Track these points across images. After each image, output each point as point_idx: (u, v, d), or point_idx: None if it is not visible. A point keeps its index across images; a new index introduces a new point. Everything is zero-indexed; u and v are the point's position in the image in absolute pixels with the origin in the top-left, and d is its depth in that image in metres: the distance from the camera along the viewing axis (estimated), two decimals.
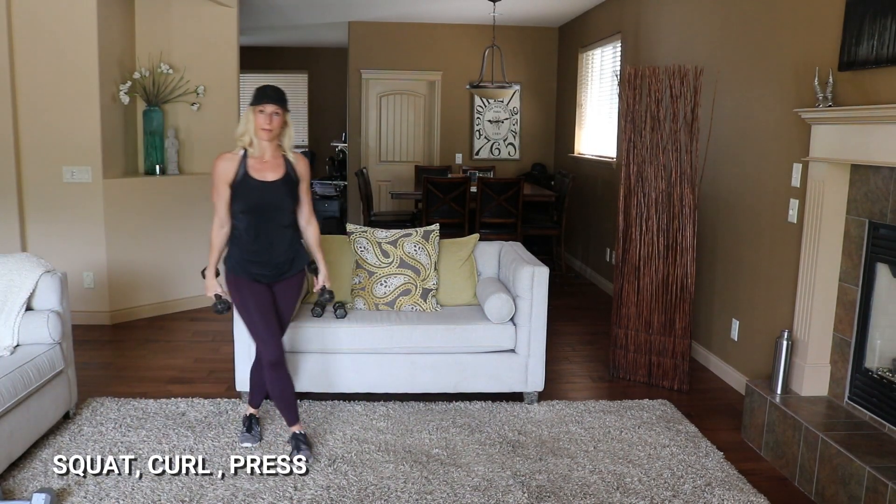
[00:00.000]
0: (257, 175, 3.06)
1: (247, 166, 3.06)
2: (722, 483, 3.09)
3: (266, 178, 3.07)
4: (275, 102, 3.01)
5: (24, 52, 4.89)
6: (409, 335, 3.75)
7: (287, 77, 11.20)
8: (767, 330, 3.93)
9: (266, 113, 3.01)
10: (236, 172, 3.05)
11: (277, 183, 3.08)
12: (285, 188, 3.10)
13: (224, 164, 3.06)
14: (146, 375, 4.29)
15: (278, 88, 3.08)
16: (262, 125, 3.01)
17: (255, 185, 3.05)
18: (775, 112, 3.87)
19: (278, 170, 3.10)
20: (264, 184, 3.06)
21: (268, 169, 3.08)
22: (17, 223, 5.00)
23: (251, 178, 3.05)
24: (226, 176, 3.05)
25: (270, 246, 3.12)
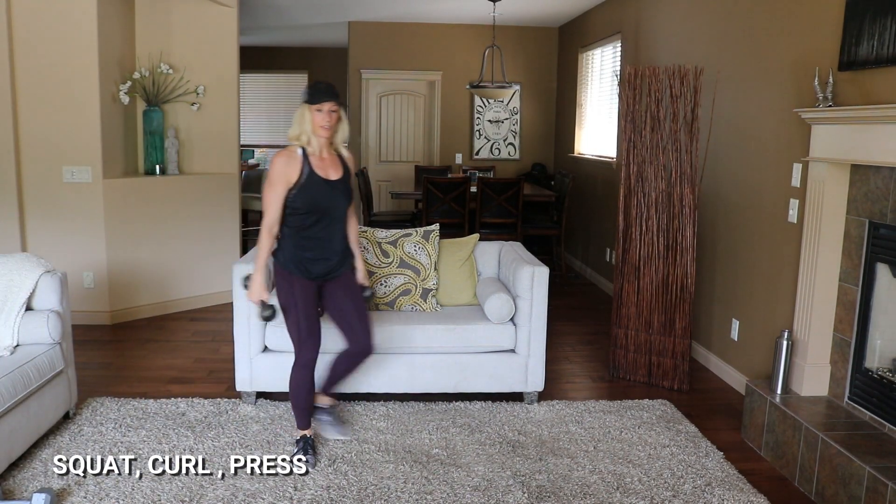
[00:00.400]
0: (322, 173, 3.03)
1: (311, 165, 3.02)
2: (722, 483, 3.09)
3: (330, 177, 3.04)
4: (332, 99, 2.96)
5: (24, 52, 4.89)
6: (409, 335, 3.74)
7: (287, 77, 11.21)
8: (767, 330, 3.93)
9: (324, 111, 2.95)
10: (301, 172, 2.99)
11: (339, 182, 3.06)
12: (344, 186, 3.09)
13: (287, 164, 2.98)
14: (146, 375, 4.29)
15: (331, 84, 3.02)
16: (322, 123, 2.96)
17: (322, 185, 3.01)
18: (775, 112, 3.87)
19: (337, 167, 3.08)
20: (329, 182, 3.03)
21: (329, 167, 3.06)
22: (17, 223, 5.00)
23: (317, 177, 3.01)
24: (288, 177, 2.97)
25: (330, 243, 3.10)
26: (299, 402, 3.20)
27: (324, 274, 3.12)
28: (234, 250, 5.97)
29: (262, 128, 11.31)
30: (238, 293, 3.70)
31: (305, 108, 2.98)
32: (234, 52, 5.92)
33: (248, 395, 3.81)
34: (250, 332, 3.73)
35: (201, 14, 5.79)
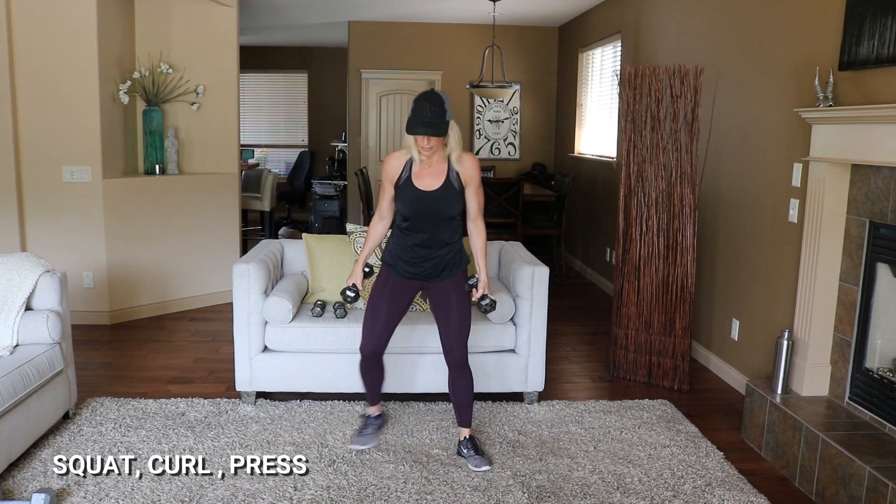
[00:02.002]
0: (418, 183, 3.02)
1: (411, 171, 3.03)
2: (722, 483, 3.09)
3: (426, 188, 3.01)
4: (427, 132, 2.86)
5: (23, 53, 4.89)
6: (409, 335, 3.74)
7: (287, 77, 11.21)
8: (767, 330, 3.92)
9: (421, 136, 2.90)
10: (401, 174, 3.03)
11: (436, 193, 3.01)
12: (446, 197, 3.02)
13: (391, 163, 3.06)
14: (146, 375, 4.29)
15: (435, 109, 2.85)
16: (423, 144, 2.93)
17: (415, 195, 3.02)
18: (775, 112, 3.87)
19: (440, 177, 3.02)
20: (424, 193, 3.01)
21: (431, 175, 3.02)
22: (17, 223, 5.00)
23: (412, 186, 3.02)
24: (391, 174, 3.05)
25: (425, 249, 3.08)
26: (364, 383, 3.37)
27: (422, 275, 3.13)
28: (234, 250, 5.96)
29: (261, 128, 11.31)
30: (237, 293, 3.70)
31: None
32: (234, 51, 5.92)
33: (247, 395, 3.81)
34: (250, 332, 3.73)
35: (201, 14, 5.79)
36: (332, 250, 4.06)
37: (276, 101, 11.30)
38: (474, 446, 3.23)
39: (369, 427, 3.41)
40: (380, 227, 3.20)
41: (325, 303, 3.92)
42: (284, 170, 11.24)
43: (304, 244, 4.14)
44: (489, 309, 3.18)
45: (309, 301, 4.03)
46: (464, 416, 3.26)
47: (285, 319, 3.69)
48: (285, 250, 4.25)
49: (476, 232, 3.19)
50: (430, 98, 2.88)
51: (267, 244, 4.22)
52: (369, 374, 3.31)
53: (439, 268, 3.11)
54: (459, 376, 3.22)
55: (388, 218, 3.19)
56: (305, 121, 11.29)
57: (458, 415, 3.29)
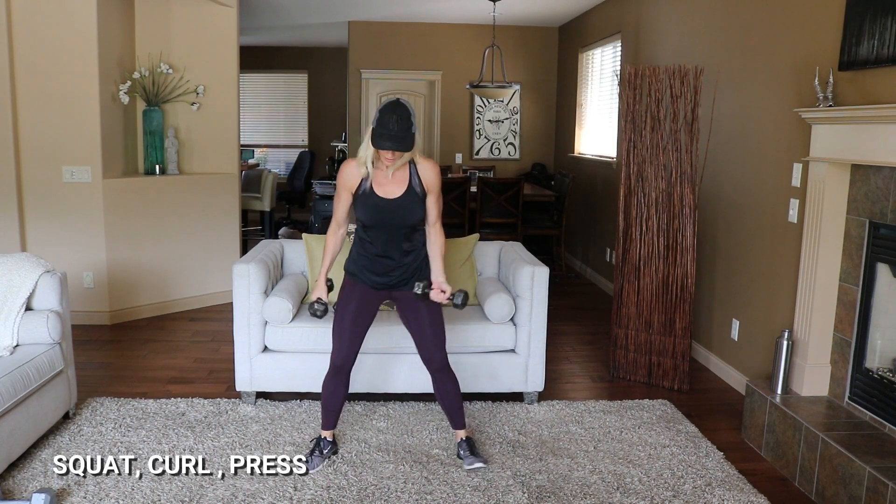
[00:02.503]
0: (380, 191, 2.95)
1: (371, 181, 2.95)
2: (722, 483, 3.09)
3: (388, 196, 2.95)
4: (395, 147, 2.80)
5: (23, 52, 4.89)
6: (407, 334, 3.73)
7: (287, 77, 11.20)
8: (767, 330, 3.92)
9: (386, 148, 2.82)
10: (360, 182, 2.97)
11: (399, 200, 2.95)
12: (409, 204, 2.97)
13: (349, 171, 2.97)
14: (146, 375, 4.29)
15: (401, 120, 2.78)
16: (385, 157, 2.87)
17: (377, 203, 2.96)
18: (775, 112, 3.87)
19: (402, 183, 2.96)
20: (386, 201, 2.95)
21: (393, 182, 2.96)
22: (17, 223, 5.00)
23: (374, 195, 2.95)
24: (349, 183, 2.96)
25: (389, 259, 3.04)
26: (323, 401, 3.22)
27: (389, 285, 3.08)
28: (234, 250, 5.96)
29: (261, 128, 11.30)
30: (237, 293, 3.70)
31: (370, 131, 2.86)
32: (234, 52, 5.92)
33: (247, 395, 3.81)
34: (250, 332, 3.73)
35: (201, 14, 5.79)
36: None
37: (276, 101, 11.29)
38: (470, 447, 3.22)
39: (320, 450, 3.20)
40: (338, 236, 3.09)
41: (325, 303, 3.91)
42: (284, 170, 11.23)
43: (304, 244, 4.14)
44: (462, 302, 3.06)
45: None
46: (456, 418, 3.24)
47: (285, 319, 3.69)
48: (285, 250, 4.25)
49: (434, 234, 3.11)
50: (397, 110, 2.80)
51: (267, 244, 4.22)
52: (335, 390, 3.16)
53: (407, 275, 3.07)
54: (444, 381, 3.18)
55: (345, 226, 3.09)
56: (305, 121, 11.29)
57: (450, 419, 3.26)
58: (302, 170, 10.59)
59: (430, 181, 3.00)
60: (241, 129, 6.31)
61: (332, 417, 3.23)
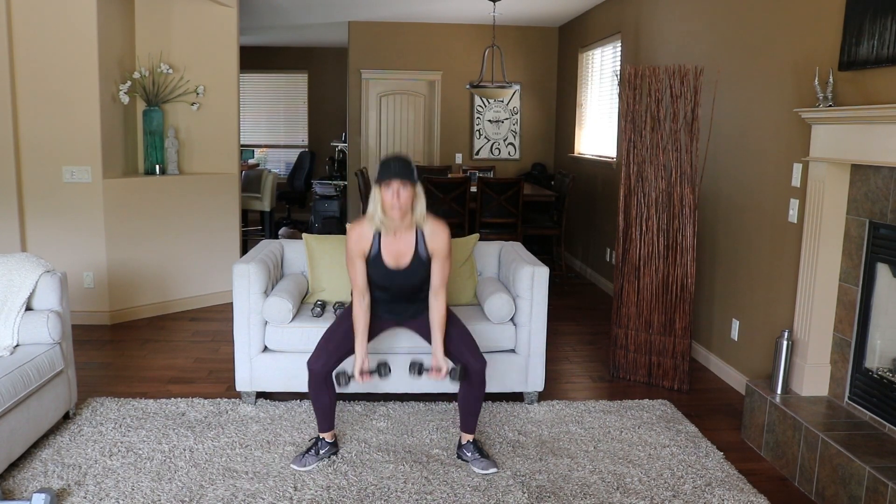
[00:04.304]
0: (389, 258, 3.01)
1: (380, 245, 3.01)
2: (722, 483, 3.09)
3: (396, 266, 3.02)
4: (399, 177, 2.86)
5: (24, 52, 4.89)
6: (409, 335, 3.74)
7: (287, 77, 11.21)
8: (767, 330, 3.93)
9: (392, 189, 2.88)
10: (370, 247, 3.01)
11: (408, 270, 3.03)
12: (417, 270, 3.04)
13: (358, 242, 3.01)
14: (146, 375, 4.29)
15: (403, 161, 2.91)
16: (390, 201, 2.89)
17: (386, 271, 3.02)
18: (775, 112, 3.87)
19: (409, 250, 3.02)
20: (394, 272, 3.03)
21: (400, 249, 3.01)
22: (17, 223, 5.00)
23: (382, 263, 3.02)
24: (359, 248, 3.01)
25: (401, 305, 3.18)
26: (313, 405, 3.23)
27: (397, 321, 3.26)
28: (234, 250, 5.97)
29: (261, 128, 11.31)
30: (237, 293, 3.71)
31: (375, 186, 2.93)
32: (234, 52, 5.92)
33: (247, 395, 3.81)
34: (250, 332, 3.73)
35: (201, 14, 5.79)
36: (332, 250, 4.06)
37: (276, 101, 11.30)
38: (478, 449, 3.22)
39: (316, 450, 3.20)
40: (364, 306, 3.08)
41: (325, 303, 3.92)
42: (284, 170, 11.24)
43: (304, 244, 4.14)
44: (459, 377, 3.06)
45: (309, 301, 4.03)
46: (470, 423, 3.23)
47: (285, 319, 3.69)
48: (285, 250, 4.25)
49: (436, 306, 3.08)
50: (398, 156, 2.94)
51: (267, 244, 4.22)
52: (318, 394, 3.16)
53: (418, 311, 3.18)
54: (479, 384, 3.16)
55: (368, 294, 3.09)
56: (305, 121, 11.29)
57: (463, 421, 3.24)
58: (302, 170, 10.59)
59: (436, 246, 3.03)
60: (241, 129, 6.32)
61: (325, 419, 3.22)
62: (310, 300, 4.04)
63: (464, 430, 3.25)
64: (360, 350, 3.07)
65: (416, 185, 2.93)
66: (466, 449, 3.22)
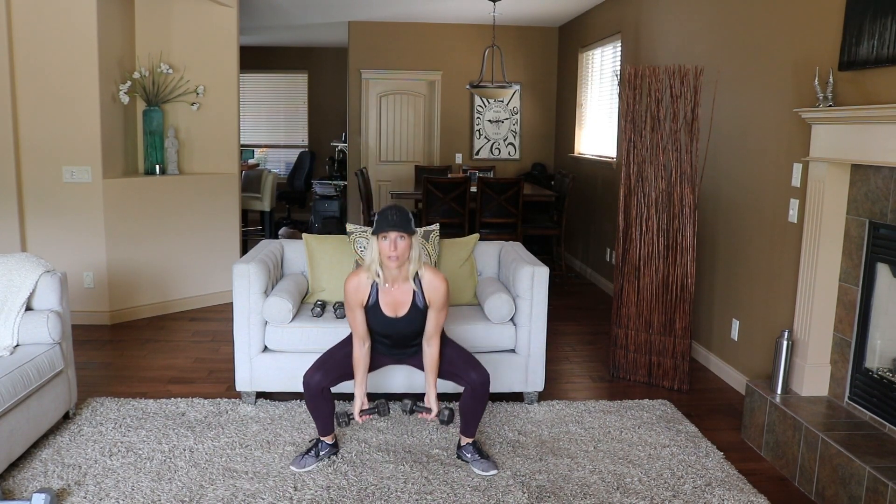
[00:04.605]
0: (386, 309, 3.04)
1: (378, 295, 3.03)
2: (722, 483, 3.09)
3: (395, 314, 3.05)
4: (396, 228, 2.88)
5: (23, 52, 4.89)
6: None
7: (287, 77, 11.21)
8: (767, 330, 3.93)
9: (390, 239, 2.89)
10: (368, 297, 3.04)
11: (405, 318, 3.06)
12: (415, 319, 3.07)
13: (353, 285, 3.03)
14: (146, 375, 4.29)
15: (400, 211, 2.92)
16: (388, 252, 2.90)
17: (385, 320, 3.06)
18: (775, 112, 3.87)
19: (406, 301, 3.04)
20: (393, 320, 3.06)
21: (397, 299, 3.04)
22: (17, 223, 5.00)
23: (380, 312, 3.05)
24: (357, 297, 3.03)
25: (399, 348, 3.21)
26: (311, 413, 3.21)
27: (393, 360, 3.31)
28: (234, 250, 5.97)
29: (261, 128, 11.31)
30: (237, 293, 3.71)
31: (373, 238, 2.95)
32: (234, 52, 5.92)
33: (247, 395, 3.81)
34: (250, 332, 3.73)
35: (201, 14, 5.79)
36: (332, 250, 4.06)
37: (276, 101, 11.30)
38: (479, 450, 3.21)
39: (315, 451, 3.21)
40: (364, 351, 3.13)
41: (325, 303, 3.92)
42: (284, 170, 11.24)
43: (304, 244, 4.14)
44: (448, 419, 3.13)
45: (309, 301, 4.03)
46: (470, 427, 3.22)
47: (285, 319, 3.69)
48: (285, 250, 4.25)
49: (429, 352, 3.12)
50: (395, 206, 2.96)
51: (267, 244, 4.22)
52: (317, 405, 3.15)
53: (417, 351, 3.22)
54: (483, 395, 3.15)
55: (369, 340, 3.13)
56: (305, 121, 11.29)
57: (464, 426, 3.23)
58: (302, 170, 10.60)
59: (433, 296, 3.04)
60: (241, 129, 6.32)
61: (324, 425, 3.21)
62: (310, 300, 4.04)
63: (464, 434, 3.24)
64: (359, 392, 3.12)
65: (413, 235, 2.94)
66: (466, 450, 3.22)
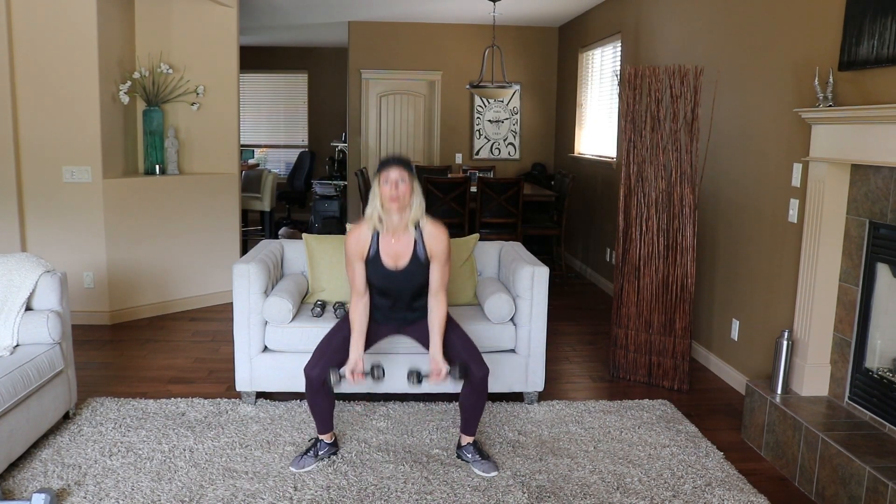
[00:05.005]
0: (387, 259, 3.01)
1: (378, 247, 3.01)
2: (722, 483, 3.09)
3: (393, 266, 3.02)
4: (398, 167, 2.90)
5: (23, 52, 4.89)
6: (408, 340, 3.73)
7: (287, 77, 11.21)
8: (767, 330, 3.93)
9: (391, 181, 2.90)
10: (368, 249, 3.02)
11: (406, 271, 3.02)
12: (416, 272, 3.03)
13: (356, 244, 3.01)
14: (146, 375, 4.29)
15: (401, 157, 2.97)
16: (389, 194, 2.90)
17: (385, 273, 3.02)
18: (775, 112, 3.87)
19: (406, 253, 3.01)
20: (393, 273, 3.02)
21: (398, 250, 3.01)
22: (17, 223, 5.00)
23: (381, 264, 3.01)
24: (357, 249, 3.02)
25: (401, 311, 3.17)
26: (311, 409, 3.20)
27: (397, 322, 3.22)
28: (234, 250, 5.97)
29: (261, 128, 11.31)
30: (237, 293, 3.70)
31: (375, 183, 2.95)
32: (234, 52, 5.92)
33: (247, 395, 3.81)
34: (250, 332, 3.73)
35: (201, 14, 5.79)
36: (332, 250, 4.06)
37: (276, 101, 11.30)
38: (479, 451, 3.21)
39: (314, 451, 3.20)
40: (361, 308, 3.09)
41: (325, 303, 3.92)
42: (284, 170, 11.24)
43: (304, 244, 4.14)
44: (461, 374, 3.04)
45: (309, 301, 4.03)
46: (470, 426, 3.22)
47: (285, 319, 3.69)
48: (285, 250, 4.25)
49: (436, 305, 3.07)
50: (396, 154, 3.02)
51: (267, 244, 4.22)
52: (316, 399, 3.13)
53: (418, 318, 3.17)
54: (481, 391, 3.14)
55: (367, 296, 3.10)
56: (305, 121, 11.29)
57: (464, 424, 3.23)
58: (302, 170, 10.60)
59: (435, 248, 3.02)
60: (241, 129, 6.32)
61: (323, 421, 3.21)
62: (310, 300, 4.04)
63: (464, 433, 3.24)
64: (354, 352, 3.06)
65: (413, 179, 2.96)
66: (467, 450, 3.22)
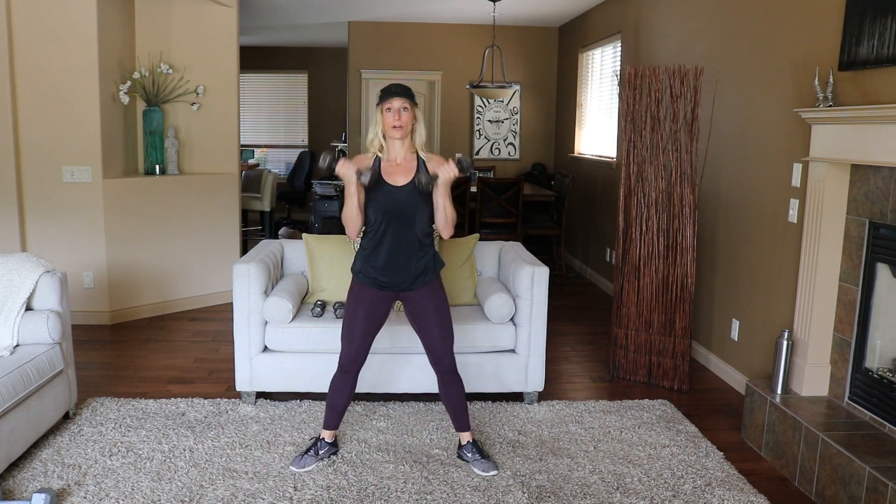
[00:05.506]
0: (389, 179, 2.95)
1: (381, 169, 2.96)
2: (722, 483, 3.09)
3: (397, 183, 2.94)
4: (401, 96, 2.89)
5: (23, 53, 4.89)
6: (409, 335, 3.74)
7: (287, 77, 11.20)
8: (767, 330, 3.93)
9: (394, 109, 2.89)
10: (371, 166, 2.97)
11: (407, 188, 2.94)
12: (418, 193, 2.94)
13: (359, 160, 2.98)
14: (146, 375, 4.29)
15: (403, 84, 2.96)
16: (392, 122, 2.89)
17: (387, 190, 2.95)
18: (775, 112, 3.87)
19: (410, 173, 2.96)
20: (396, 189, 2.94)
21: (400, 172, 2.95)
22: (17, 223, 5.00)
23: (384, 182, 2.94)
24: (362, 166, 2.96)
25: (401, 254, 2.99)
26: (329, 399, 3.20)
27: (393, 285, 3.04)
28: (234, 250, 5.96)
29: (261, 128, 11.31)
30: (237, 293, 3.71)
31: (377, 110, 2.93)
32: (234, 52, 5.92)
33: (247, 395, 3.81)
34: (250, 332, 3.73)
35: (201, 14, 5.79)
36: (332, 250, 4.06)
37: (276, 101, 11.29)
38: (479, 450, 3.21)
39: (315, 451, 3.20)
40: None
41: (325, 303, 3.92)
42: (284, 170, 11.24)
43: (304, 244, 4.14)
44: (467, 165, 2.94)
45: (309, 301, 4.03)
46: (461, 420, 3.22)
47: (285, 319, 3.69)
48: (285, 250, 4.25)
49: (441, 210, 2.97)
50: (397, 83, 2.98)
51: (267, 244, 4.22)
52: (341, 390, 3.15)
53: (412, 276, 3.02)
54: (451, 383, 3.16)
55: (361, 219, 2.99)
56: (305, 121, 11.29)
57: (455, 421, 3.24)
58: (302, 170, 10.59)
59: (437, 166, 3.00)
60: (241, 129, 6.31)
61: (336, 416, 3.21)
62: (310, 300, 4.04)
63: (459, 430, 3.24)
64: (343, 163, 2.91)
65: (416, 106, 2.95)
66: (467, 450, 3.22)
